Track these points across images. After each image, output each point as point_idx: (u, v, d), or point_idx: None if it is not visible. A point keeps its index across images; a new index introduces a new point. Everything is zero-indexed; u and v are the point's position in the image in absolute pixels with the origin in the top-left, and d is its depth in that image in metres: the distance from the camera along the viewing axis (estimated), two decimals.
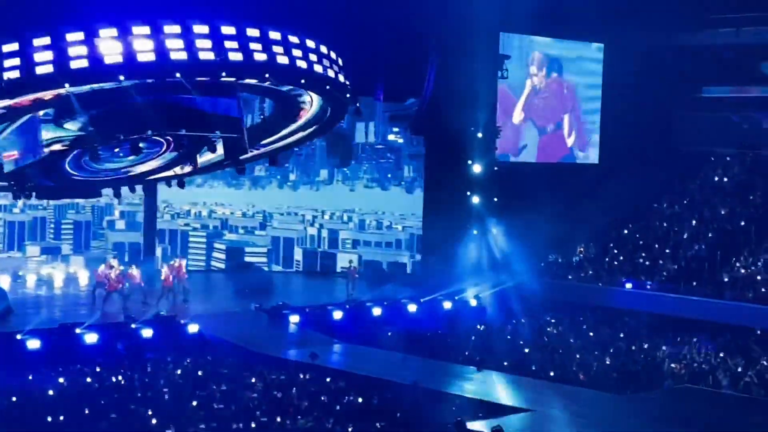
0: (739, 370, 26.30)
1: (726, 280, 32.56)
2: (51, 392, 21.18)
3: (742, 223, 35.61)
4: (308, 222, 40.08)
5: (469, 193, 36.33)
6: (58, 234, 38.16)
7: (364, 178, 39.45)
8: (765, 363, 26.97)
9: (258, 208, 39.94)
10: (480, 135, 36.13)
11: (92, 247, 38.03)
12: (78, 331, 25.36)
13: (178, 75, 21.23)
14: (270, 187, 38.90)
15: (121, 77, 20.84)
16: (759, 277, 32.06)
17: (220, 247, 39.13)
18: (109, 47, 20.64)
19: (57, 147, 23.98)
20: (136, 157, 24.67)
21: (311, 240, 39.80)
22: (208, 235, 39.22)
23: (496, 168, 36.79)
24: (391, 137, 39.27)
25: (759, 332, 29.59)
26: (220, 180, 38.49)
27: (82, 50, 20.34)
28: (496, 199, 36.38)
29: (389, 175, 39.41)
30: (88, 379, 22.27)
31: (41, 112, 23.00)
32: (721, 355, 27.74)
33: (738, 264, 33.28)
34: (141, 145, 23.48)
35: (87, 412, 19.55)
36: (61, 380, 22.21)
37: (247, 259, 38.45)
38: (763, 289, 31.32)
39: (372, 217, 39.81)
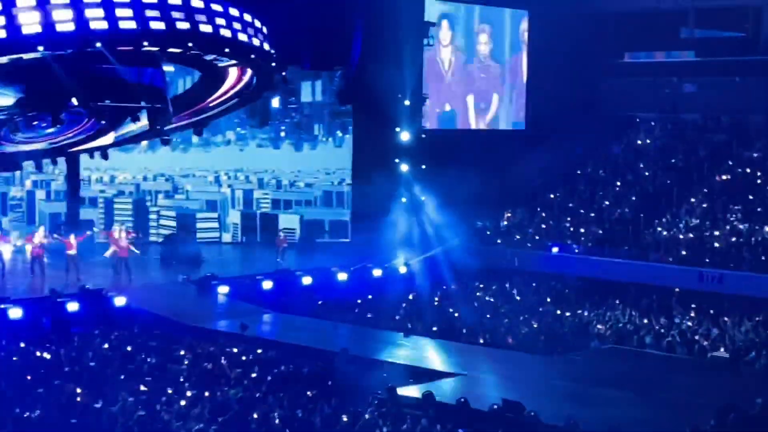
0: (662, 329, 26.88)
1: (649, 242, 33.14)
2: None
3: (667, 184, 36.22)
4: (210, 183, 38.66)
5: (397, 161, 36.43)
6: None
7: (259, 137, 38.58)
8: (687, 322, 27.61)
9: (155, 172, 38.37)
10: (407, 103, 36.19)
11: (11, 220, 36.56)
12: (1, 307, 24.95)
13: (98, 45, 20.82)
14: (161, 150, 36.64)
15: (40, 48, 20.40)
16: (681, 237, 32.75)
17: (168, 214, 36.66)
18: (28, 17, 20.20)
19: None
20: (56, 129, 24.24)
21: (233, 202, 38.15)
22: (134, 202, 37.38)
23: (423, 135, 36.92)
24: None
25: (680, 292, 30.21)
26: None
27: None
28: (424, 167, 36.51)
29: (283, 134, 38.29)
30: (15, 359, 21.93)
31: None
32: (645, 316, 28.30)
33: (661, 226, 33.89)
34: (61, 116, 23.06)
35: (12, 387, 19.30)
36: None
37: (200, 225, 36.62)
38: (684, 252, 31.96)
39: (271, 177, 38.71)
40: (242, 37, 24.20)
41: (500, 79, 40.47)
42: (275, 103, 35.92)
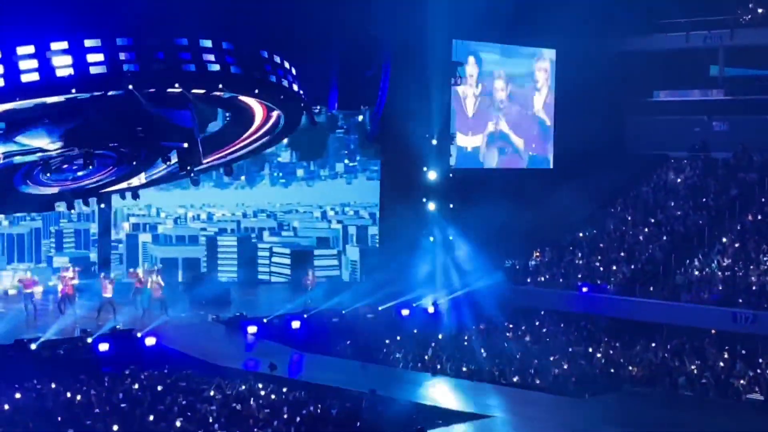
0: (696, 371, 26.57)
1: (681, 282, 32.85)
2: (6, 407, 20.96)
3: (698, 224, 35.95)
4: (317, 219, 36.50)
5: (425, 200, 36.39)
6: (59, 243, 35.17)
7: (370, 169, 36.15)
8: (720, 364, 27.28)
9: (254, 208, 36.84)
10: (434, 142, 36.25)
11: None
12: (33, 347, 25.07)
13: (130, 87, 21.04)
14: (259, 184, 35.16)
15: (73, 90, 20.63)
16: (714, 277, 32.43)
17: (282, 251, 35.18)
18: (60, 60, 20.45)
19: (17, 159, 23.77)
20: (88, 170, 24.44)
21: (347, 238, 36.27)
22: (239, 240, 35.81)
23: (451, 174, 36.94)
24: None
25: (714, 333, 29.89)
26: (205, 180, 33.83)
27: (33, 64, 20.14)
28: (451, 206, 36.48)
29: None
30: (45, 399, 21.98)
31: None
32: (678, 357, 27.98)
33: (692, 266, 33.60)
34: (93, 159, 23.24)
35: (44, 428, 19.35)
36: (17, 396, 21.95)
37: (317, 263, 34.80)
38: (716, 292, 31.64)
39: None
40: (272, 78, 24.37)
41: (525, 117, 40.41)
42: None
